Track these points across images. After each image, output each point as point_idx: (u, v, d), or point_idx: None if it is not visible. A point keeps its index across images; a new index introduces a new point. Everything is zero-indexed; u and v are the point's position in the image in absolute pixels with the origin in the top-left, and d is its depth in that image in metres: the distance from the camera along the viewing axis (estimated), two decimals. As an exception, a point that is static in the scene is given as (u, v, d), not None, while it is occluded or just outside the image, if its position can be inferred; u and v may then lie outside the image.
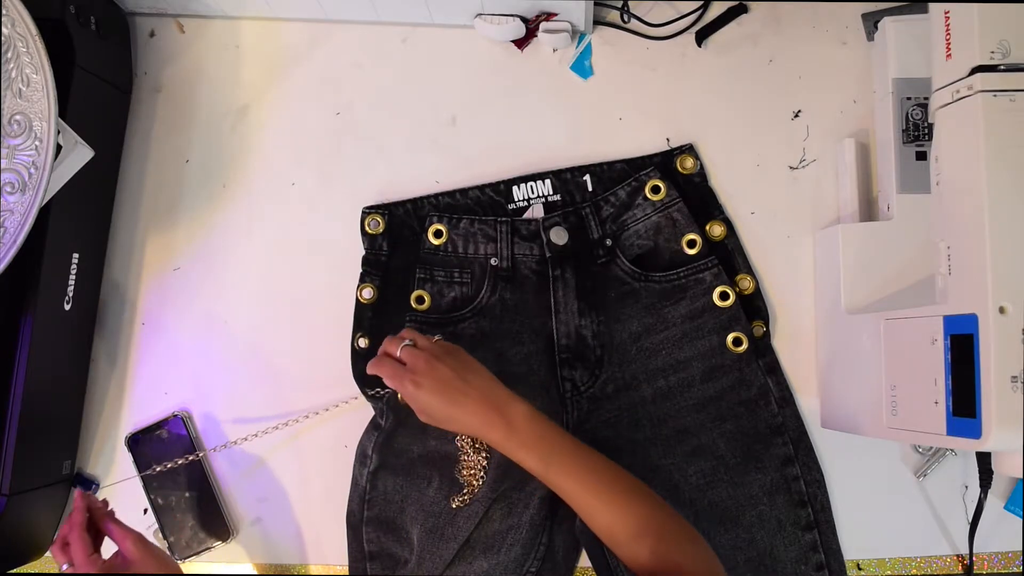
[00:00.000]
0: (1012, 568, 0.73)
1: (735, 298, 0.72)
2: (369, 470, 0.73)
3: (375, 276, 0.76)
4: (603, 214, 0.74)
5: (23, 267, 0.68)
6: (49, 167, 0.61)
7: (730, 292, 0.72)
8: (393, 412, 0.73)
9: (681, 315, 0.72)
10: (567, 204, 0.75)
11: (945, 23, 0.59)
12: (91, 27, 0.72)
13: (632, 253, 0.74)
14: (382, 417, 0.74)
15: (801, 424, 0.73)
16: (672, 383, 0.72)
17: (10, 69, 0.60)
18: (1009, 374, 0.53)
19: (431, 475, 0.72)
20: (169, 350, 0.79)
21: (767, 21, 0.78)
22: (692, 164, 0.76)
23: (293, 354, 0.78)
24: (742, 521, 0.70)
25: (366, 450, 0.74)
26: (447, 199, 0.76)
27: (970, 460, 0.71)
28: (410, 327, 0.68)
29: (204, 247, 0.80)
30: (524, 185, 0.76)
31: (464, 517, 0.71)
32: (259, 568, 0.77)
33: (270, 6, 0.79)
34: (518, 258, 0.74)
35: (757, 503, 0.70)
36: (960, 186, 0.57)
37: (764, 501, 0.70)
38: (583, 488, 0.58)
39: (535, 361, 0.73)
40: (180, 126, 0.81)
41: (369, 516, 0.73)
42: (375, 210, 0.76)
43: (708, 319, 0.72)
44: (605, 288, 0.74)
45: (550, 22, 0.76)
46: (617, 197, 0.74)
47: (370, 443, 0.74)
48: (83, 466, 0.78)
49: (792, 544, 0.70)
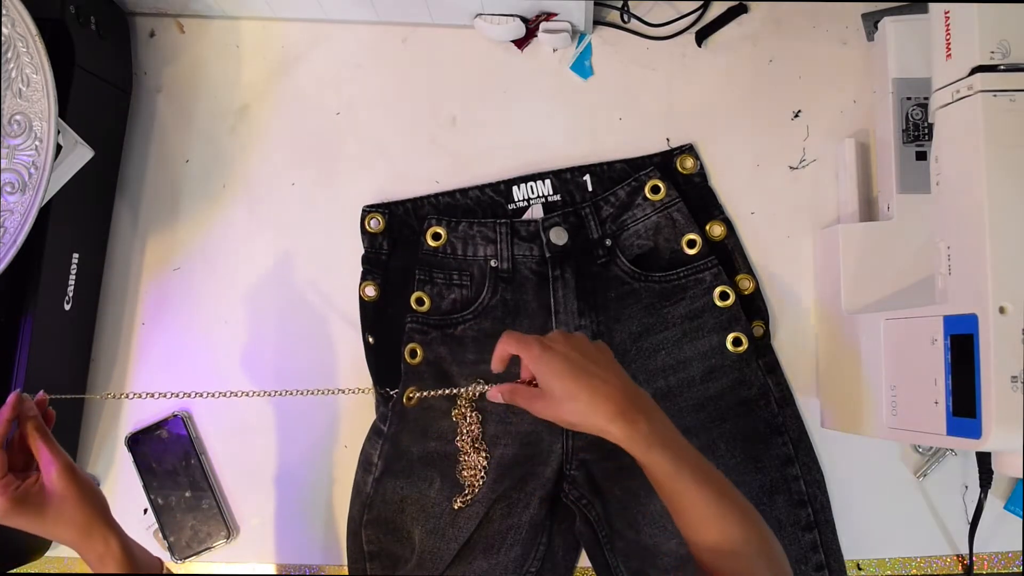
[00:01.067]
0: (1012, 568, 0.73)
1: (735, 298, 0.72)
2: (374, 477, 0.73)
3: (376, 274, 0.76)
4: (603, 214, 0.74)
5: (23, 267, 0.68)
6: (49, 167, 0.61)
7: (730, 292, 0.72)
8: (398, 417, 0.73)
9: (681, 315, 0.72)
10: (567, 204, 0.75)
11: (945, 23, 0.59)
12: (91, 27, 0.72)
13: (632, 253, 0.74)
14: (384, 422, 0.74)
15: (801, 424, 0.73)
16: (672, 383, 0.72)
17: (10, 69, 0.60)
18: (1009, 374, 0.53)
19: (432, 476, 0.72)
20: (169, 350, 0.79)
21: (767, 21, 0.78)
22: (692, 164, 0.76)
23: (293, 354, 0.78)
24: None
25: (371, 457, 0.74)
26: (447, 199, 0.76)
27: (970, 460, 0.71)
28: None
29: (204, 247, 0.79)
30: (524, 185, 0.76)
31: (465, 517, 0.71)
32: (259, 568, 0.77)
33: (270, 6, 0.79)
34: (518, 259, 0.74)
35: (757, 503, 0.70)
36: (960, 186, 0.57)
37: (764, 501, 0.70)
38: (705, 497, 0.52)
39: None
40: (180, 126, 0.81)
41: (368, 519, 0.73)
42: (375, 209, 0.76)
43: (708, 319, 0.72)
44: (605, 288, 0.73)
45: (550, 22, 0.76)
46: (617, 197, 0.74)
47: (375, 450, 0.74)
48: (83, 466, 0.78)
49: (792, 544, 0.70)
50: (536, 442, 0.72)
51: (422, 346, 0.73)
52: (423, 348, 0.73)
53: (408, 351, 0.73)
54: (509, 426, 0.72)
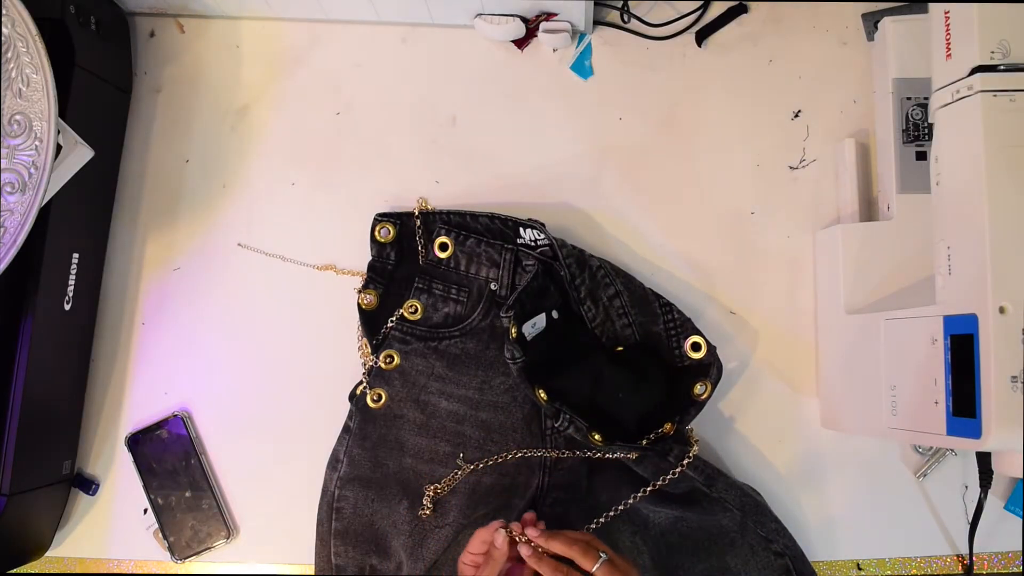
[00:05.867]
0: (1012, 568, 0.73)
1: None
2: (339, 475, 0.73)
3: (379, 284, 0.76)
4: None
5: (23, 267, 0.68)
6: (49, 167, 0.61)
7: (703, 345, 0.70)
8: (360, 413, 0.74)
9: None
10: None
11: (945, 23, 0.59)
12: (91, 27, 0.72)
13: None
14: (351, 419, 0.74)
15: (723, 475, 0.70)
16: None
17: (10, 69, 0.60)
18: (1009, 374, 0.53)
19: (404, 493, 0.72)
20: (169, 350, 0.79)
21: (767, 21, 0.78)
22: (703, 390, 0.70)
23: (293, 354, 0.78)
24: (714, 549, 0.68)
25: (337, 454, 0.74)
26: (457, 218, 0.75)
27: (970, 460, 0.71)
28: (588, 533, 0.63)
29: (204, 247, 0.80)
30: (532, 231, 0.72)
31: (435, 540, 0.71)
32: (259, 568, 0.77)
33: (270, 6, 0.79)
34: (518, 288, 0.73)
35: (728, 532, 0.68)
36: (960, 186, 0.57)
37: (735, 531, 0.68)
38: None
39: (519, 392, 0.73)
40: (180, 126, 0.81)
41: (337, 528, 0.72)
42: (387, 218, 0.76)
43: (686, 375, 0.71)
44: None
45: (550, 22, 0.76)
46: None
47: (341, 447, 0.74)
48: (83, 466, 0.78)
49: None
50: (514, 474, 0.73)
51: (399, 354, 0.74)
52: (400, 356, 0.74)
53: (384, 356, 0.73)
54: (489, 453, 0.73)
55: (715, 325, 0.75)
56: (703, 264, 0.76)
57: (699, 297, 0.76)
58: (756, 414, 0.75)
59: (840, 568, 0.73)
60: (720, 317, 0.76)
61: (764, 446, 0.75)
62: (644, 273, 0.76)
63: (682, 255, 0.77)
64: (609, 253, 0.76)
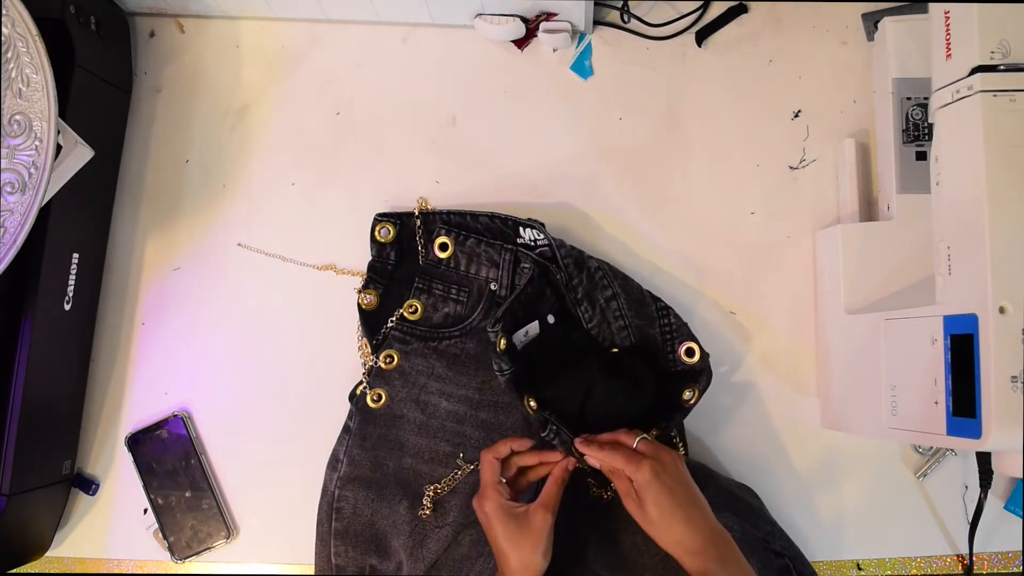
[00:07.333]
0: (1012, 568, 0.73)
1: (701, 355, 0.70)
2: (339, 475, 0.73)
3: (379, 284, 0.76)
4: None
5: (23, 267, 0.68)
6: (49, 167, 0.61)
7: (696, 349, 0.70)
8: (360, 413, 0.74)
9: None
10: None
11: (945, 23, 0.59)
12: (91, 27, 0.72)
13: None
14: (351, 419, 0.74)
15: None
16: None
17: (10, 69, 0.60)
18: (1009, 374, 0.53)
19: (404, 493, 0.72)
20: (169, 350, 0.79)
21: (767, 21, 0.78)
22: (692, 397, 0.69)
23: (293, 354, 0.78)
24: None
25: (337, 454, 0.74)
26: (457, 218, 0.75)
27: (970, 460, 0.71)
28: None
29: (204, 247, 0.80)
30: (531, 230, 0.72)
31: (435, 540, 0.71)
32: (259, 568, 0.77)
33: (270, 6, 0.79)
34: (517, 289, 0.73)
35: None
36: (960, 186, 0.57)
37: (735, 530, 0.67)
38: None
39: None
40: (180, 126, 0.81)
41: (337, 528, 0.72)
42: (387, 218, 0.76)
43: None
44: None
45: (550, 22, 0.76)
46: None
47: (341, 447, 0.74)
48: (83, 466, 0.78)
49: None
50: None
51: (399, 354, 0.74)
52: (400, 356, 0.74)
53: (384, 356, 0.73)
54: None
55: (714, 325, 0.75)
56: (702, 264, 0.76)
57: (698, 297, 0.76)
58: (756, 414, 0.75)
59: (840, 568, 0.73)
60: (720, 317, 0.76)
61: (764, 446, 0.75)
62: (643, 273, 0.76)
63: (681, 255, 0.77)
64: (608, 253, 0.76)
